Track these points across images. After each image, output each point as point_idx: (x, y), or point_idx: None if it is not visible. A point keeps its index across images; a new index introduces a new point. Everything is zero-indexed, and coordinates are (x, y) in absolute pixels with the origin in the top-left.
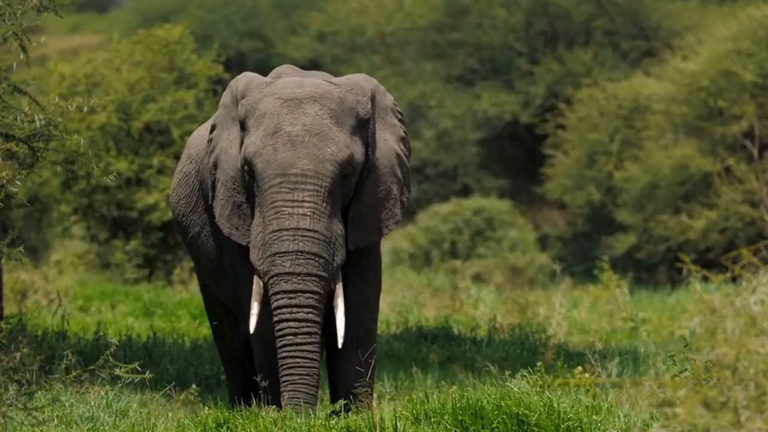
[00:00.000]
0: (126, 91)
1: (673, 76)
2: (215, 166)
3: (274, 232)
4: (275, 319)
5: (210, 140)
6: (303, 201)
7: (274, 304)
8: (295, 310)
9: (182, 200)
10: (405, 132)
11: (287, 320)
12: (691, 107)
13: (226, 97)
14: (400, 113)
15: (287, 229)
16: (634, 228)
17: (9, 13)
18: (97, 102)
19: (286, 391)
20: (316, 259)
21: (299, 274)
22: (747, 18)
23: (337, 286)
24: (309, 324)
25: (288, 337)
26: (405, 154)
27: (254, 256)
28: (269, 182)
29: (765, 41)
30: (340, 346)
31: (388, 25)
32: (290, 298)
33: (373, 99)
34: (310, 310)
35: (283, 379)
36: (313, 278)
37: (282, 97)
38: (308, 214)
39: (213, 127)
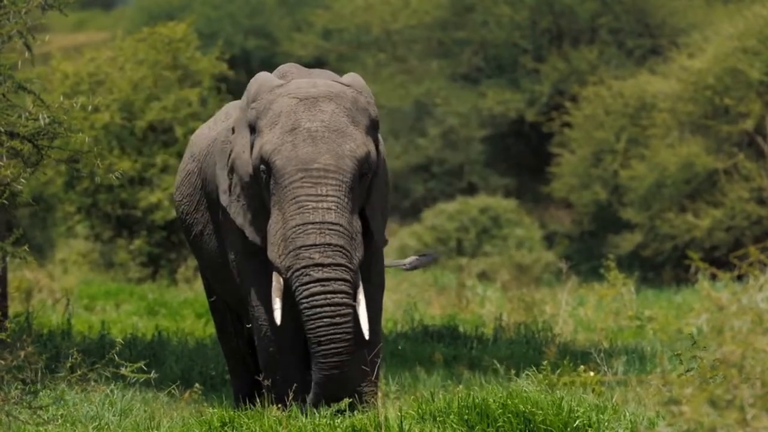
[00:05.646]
0: (129, 90)
1: (678, 74)
2: (232, 169)
3: (298, 226)
4: (306, 306)
5: (229, 142)
6: (327, 195)
7: (305, 293)
8: (330, 296)
9: (185, 199)
10: None
11: (322, 306)
12: (697, 105)
13: (243, 100)
14: None
15: (312, 223)
16: (640, 226)
17: (13, 12)
18: (100, 101)
19: (327, 365)
20: (343, 251)
21: (329, 265)
22: (753, 16)
23: None
24: (345, 307)
25: (325, 320)
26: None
27: (273, 253)
28: (290, 178)
29: None
30: (366, 338)
31: (393, 23)
32: (323, 285)
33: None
34: (344, 295)
35: (323, 352)
36: (343, 268)
37: (297, 97)
38: (333, 208)
39: (233, 130)
